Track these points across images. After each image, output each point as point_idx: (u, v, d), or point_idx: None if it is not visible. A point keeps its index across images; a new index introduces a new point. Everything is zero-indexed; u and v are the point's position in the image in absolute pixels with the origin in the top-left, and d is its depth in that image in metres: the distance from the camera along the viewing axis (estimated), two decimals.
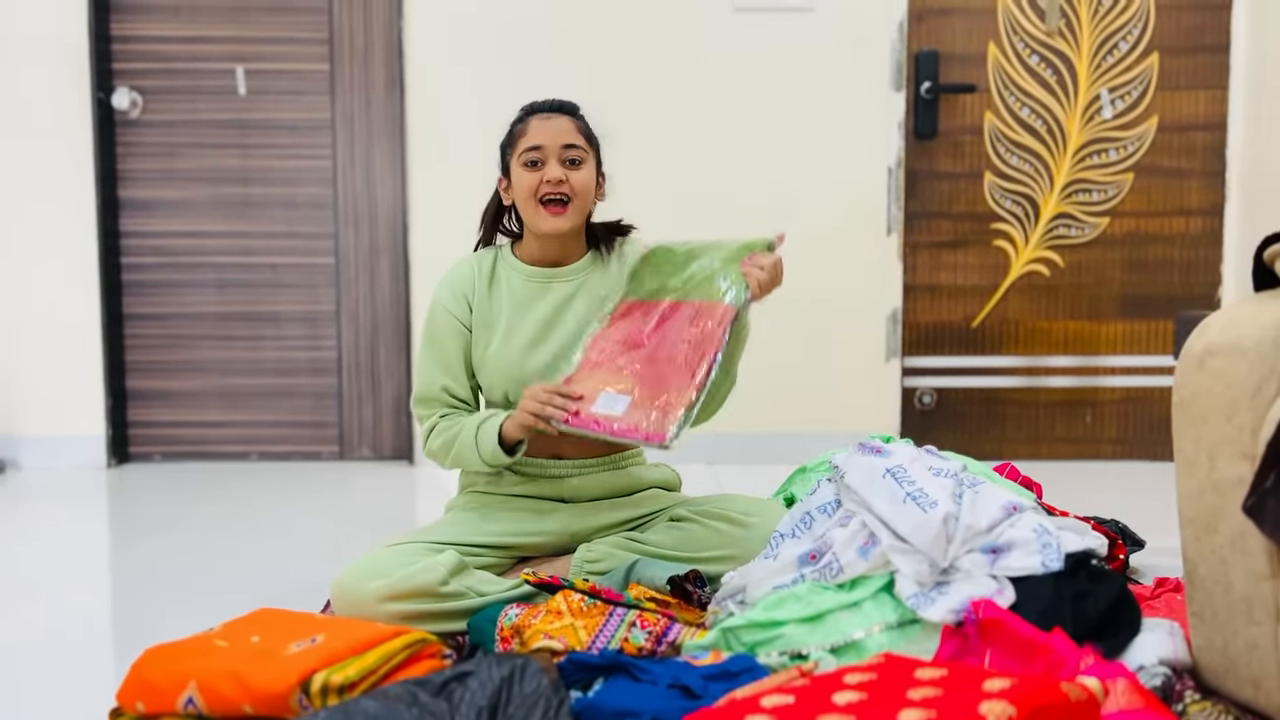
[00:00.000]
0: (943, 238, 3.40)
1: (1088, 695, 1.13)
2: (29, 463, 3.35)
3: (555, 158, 1.82)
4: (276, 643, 1.36)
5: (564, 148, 1.83)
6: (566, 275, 1.90)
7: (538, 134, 1.83)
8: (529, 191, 1.82)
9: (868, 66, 3.30)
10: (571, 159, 1.83)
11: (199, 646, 1.38)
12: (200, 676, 1.29)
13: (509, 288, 1.89)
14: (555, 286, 1.89)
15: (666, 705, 1.21)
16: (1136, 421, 3.43)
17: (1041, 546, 1.48)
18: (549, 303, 1.88)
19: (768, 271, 1.82)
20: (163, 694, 1.30)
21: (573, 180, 1.82)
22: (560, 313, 1.87)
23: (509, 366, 1.84)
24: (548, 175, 1.81)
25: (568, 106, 1.90)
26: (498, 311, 1.88)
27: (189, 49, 3.39)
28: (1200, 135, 3.36)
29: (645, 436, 1.65)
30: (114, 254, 3.42)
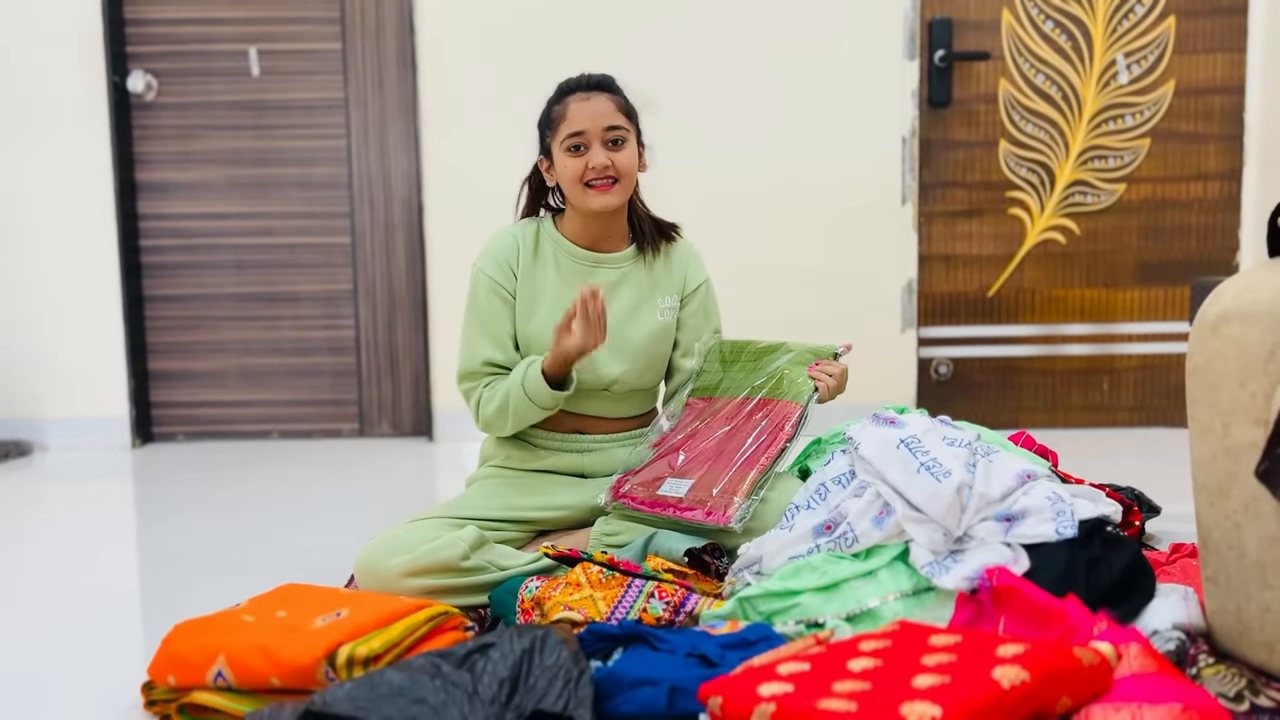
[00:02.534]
0: (958, 207, 3.39)
1: (1101, 660, 1.14)
2: (55, 444, 3.40)
3: (598, 141, 1.82)
4: (302, 617, 1.39)
5: (606, 130, 1.82)
6: (614, 262, 1.92)
7: (578, 118, 1.82)
8: (574, 177, 1.83)
9: (880, 35, 3.28)
10: (614, 140, 1.82)
11: (227, 622, 1.41)
12: (229, 650, 1.32)
13: (555, 263, 1.90)
14: (602, 271, 1.90)
15: (685, 674, 1.23)
16: (1153, 388, 3.43)
17: (1056, 514, 1.49)
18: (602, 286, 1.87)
19: (836, 379, 1.85)
20: (193, 668, 1.33)
21: (617, 162, 1.82)
22: (612, 296, 1.89)
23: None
24: (592, 161, 1.81)
25: (605, 82, 1.88)
26: (543, 285, 1.89)
27: (202, 30, 3.40)
28: (1218, 99, 3.32)
29: (710, 516, 1.71)
30: (133, 237, 3.45)
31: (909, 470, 1.52)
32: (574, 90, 1.85)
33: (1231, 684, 1.27)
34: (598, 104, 1.83)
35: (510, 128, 1.94)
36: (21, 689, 1.50)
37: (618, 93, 1.88)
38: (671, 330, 1.97)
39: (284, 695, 1.30)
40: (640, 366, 1.92)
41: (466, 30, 3.31)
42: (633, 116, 1.88)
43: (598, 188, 1.83)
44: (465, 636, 1.43)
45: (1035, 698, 1.07)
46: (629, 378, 1.91)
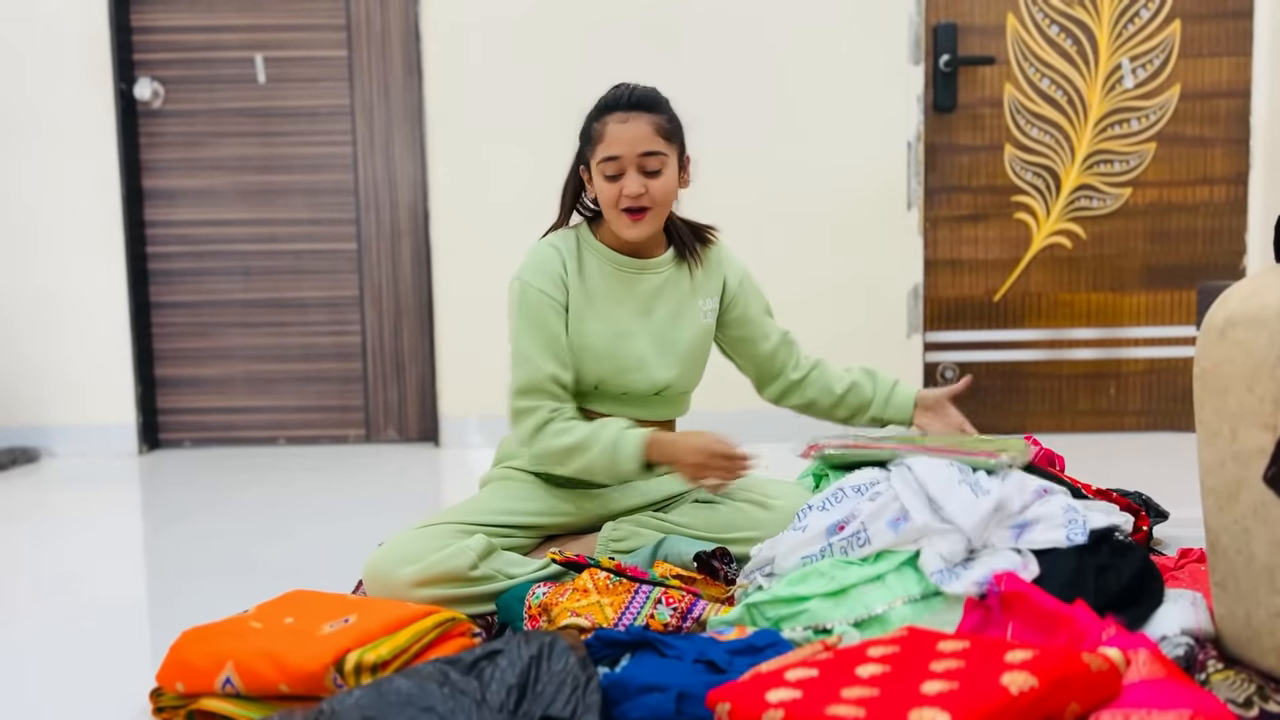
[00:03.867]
0: (963, 211, 3.39)
1: (1109, 665, 1.14)
2: (62, 451, 3.41)
3: (634, 168, 1.76)
4: (310, 623, 1.39)
5: (641, 156, 1.75)
6: (655, 268, 1.89)
7: (615, 142, 1.75)
8: (610, 201, 1.78)
9: (885, 40, 3.28)
10: (650, 169, 1.76)
11: (235, 628, 1.41)
12: (237, 657, 1.32)
13: (600, 273, 1.86)
14: (645, 277, 1.87)
15: (692, 680, 1.23)
16: (1160, 393, 3.42)
17: (1067, 521, 1.49)
18: (641, 292, 1.86)
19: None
20: (201, 674, 1.33)
21: (652, 190, 1.77)
22: (651, 302, 1.87)
23: (606, 355, 1.83)
24: (627, 189, 1.75)
25: (646, 101, 1.79)
26: (592, 294, 1.85)
27: (208, 38, 3.41)
28: (1223, 103, 3.32)
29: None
30: (140, 244, 3.46)
31: (950, 482, 1.52)
32: (614, 109, 1.77)
33: (1241, 690, 1.27)
34: (635, 127, 1.75)
35: (516, 135, 1.93)
36: (30, 695, 1.50)
37: (660, 111, 1.79)
38: (711, 331, 1.97)
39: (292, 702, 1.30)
40: (687, 369, 1.92)
41: (472, 37, 3.31)
42: (674, 137, 1.80)
43: (632, 215, 1.78)
44: (473, 643, 1.43)
45: (1044, 704, 1.07)
46: (679, 382, 1.91)
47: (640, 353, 1.85)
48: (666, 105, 1.83)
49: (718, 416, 3.30)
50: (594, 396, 1.89)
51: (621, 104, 1.77)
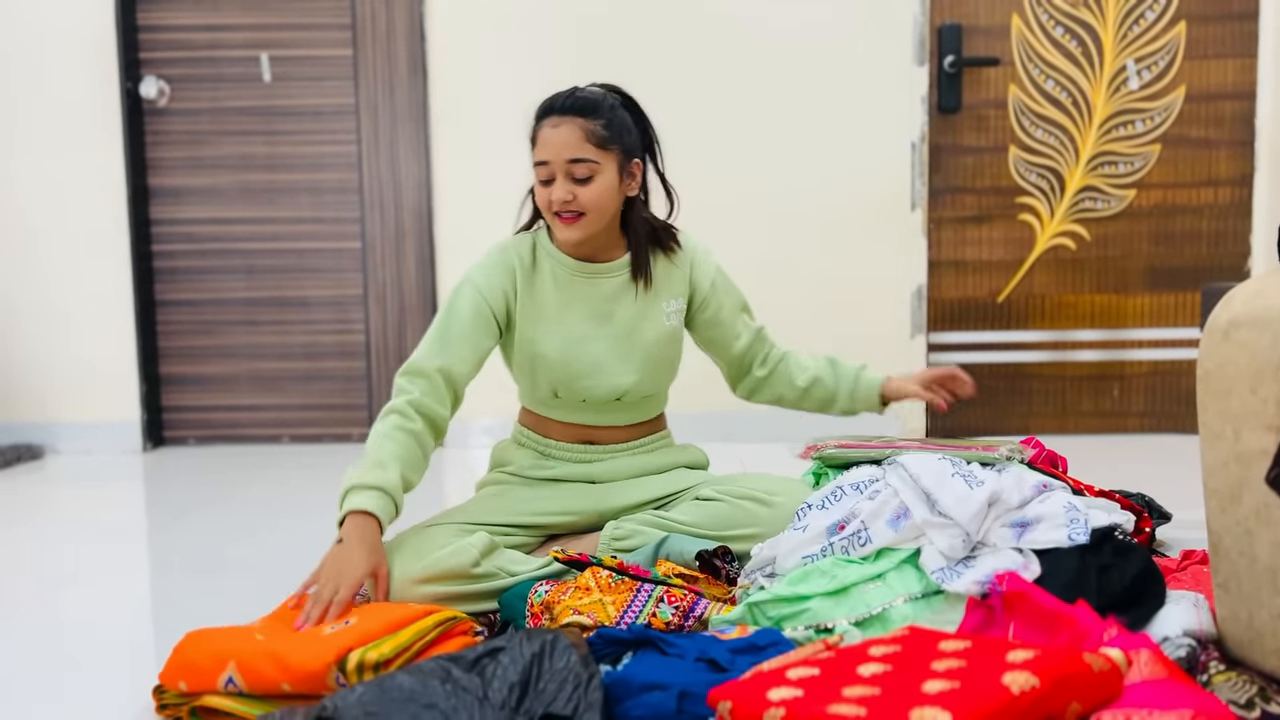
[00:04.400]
0: (967, 213, 3.39)
1: (1111, 665, 1.14)
2: (67, 448, 3.42)
3: (562, 174, 1.73)
4: (312, 625, 1.40)
5: (569, 163, 1.72)
6: (611, 271, 1.86)
7: (544, 147, 1.74)
8: (543, 205, 1.78)
9: (890, 41, 3.28)
10: (578, 176, 1.73)
11: (238, 632, 1.42)
12: (239, 657, 1.33)
13: (554, 279, 1.85)
14: (602, 281, 1.85)
15: (694, 678, 1.23)
16: (1164, 394, 3.42)
17: (1069, 521, 1.49)
18: (596, 297, 1.85)
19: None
20: (204, 673, 1.34)
21: (581, 197, 1.73)
22: (609, 306, 1.85)
23: (560, 362, 1.83)
24: (554, 194, 1.74)
25: (580, 104, 1.74)
26: (544, 302, 1.84)
27: (213, 37, 3.42)
28: (1228, 105, 3.32)
29: None
30: (145, 242, 3.47)
31: (943, 475, 1.52)
32: (549, 113, 1.75)
33: (1242, 691, 1.27)
34: (564, 133, 1.72)
35: (521, 134, 1.93)
36: (33, 692, 1.50)
37: (596, 116, 1.74)
38: (678, 333, 1.94)
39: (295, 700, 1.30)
40: (649, 373, 1.90)
41: (477, 37, 3.32)
42: (610, 143, 1.74)
43: (563, 219, 1.76)
44: (474, 641, 1.44)
45: (1045, 703, 1.07)
46: (641, 386, 1.90)
47: (596, 358, 1.84)
48: (608, 110, 1.76)
49: (716, 417, 3.31)
50: (555, 405, 1.89)
51: (555, 108, 1.75)
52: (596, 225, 1.78)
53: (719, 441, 3.10)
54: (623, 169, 1.79)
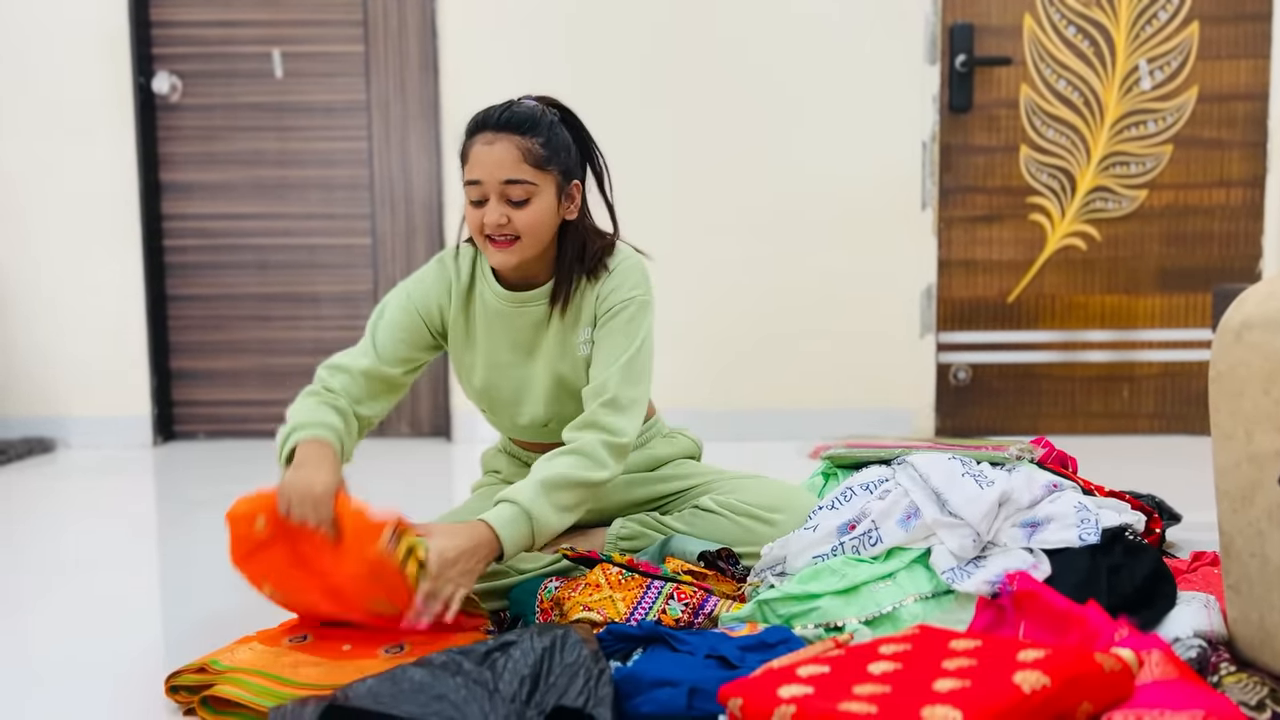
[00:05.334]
0: (978, 212, 3.38)
1: (1122, 666, 1.14)
2: (77, 442, 3.43)
3: (496, 195, 1.62)
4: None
5: (504, 184, 1.61)
6: (534, 300, 1.74)
7: (477, 166, 1.62)
8: (474, 228, 1.66)
9: (901, 40, 3.28)
10: (514, 198, 1.62)
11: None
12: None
13: (483, 304, 1.77)
14: (528, 310, 1.75)
15: (704, 675, 1.23)
16: (1174, 396, 3.41)
17: (1079, 520, 1.49)
18: (520, 326, 1.76)
19: None
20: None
21: (516, 221, 1.62)
22: (531, 336, 1.76)
23: (485, 389, 1.80)
24: (487, 218, 1.62)
25: (518, 122, 1.62)
26: (473, 325, 1.78)
27: (226, 33, 3.42)
28: (1241, 105, 3.31)
29: None
30: (156, 237, 3.48)
31: (953, 474, 1.52)
32: (482, 129, 1.63)
33: (1253, 692, 1.27)
34: (499, 151, 1.60)
35: None
36: (42, 685, 1.51)
37: (534, 134, 1.62)
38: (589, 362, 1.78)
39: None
40: (567, 404, 1.80)
41: (489, 33, 3.32)
42: (549, 163, 1.64)
43: (496, 244, 1.64)
44: (484, 637, 1.44)
45: (1056, 703, 1.07)
46: (561, 416, 1.81)
47: (515, 387, 1.78)
48: (545, 127, 1.65)
49: (726, 416, 3.31)
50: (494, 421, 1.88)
51: (490, 124, 1.63)
52: (531, 250, 1.67)
53: (731, 441, 3.10)
54: (561, 190, 1.68)
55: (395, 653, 1.40)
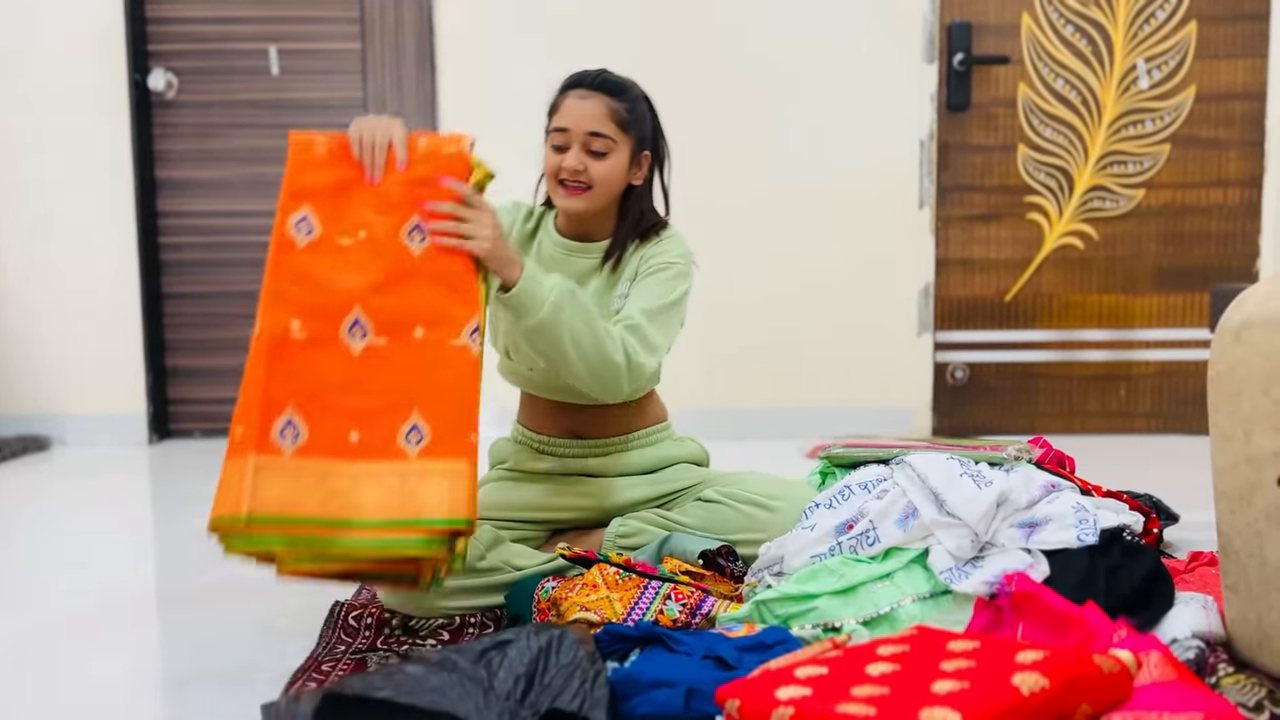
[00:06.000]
0: (975, 211, 3.38)
1: (1121, 667, 1.14)
2: (73, 440, 3.42)
3: (578, 144, 1.75)
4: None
5: (589, 135, 1.75)
6: (589, 251, 1.85)
7: (566, 114, 1.76)
8: (550, 172, 1.79)
9: (899, 38, 3.28)
10: (595, 150, 1.75)
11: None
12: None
13: (540, 250, 1.87)
14: (577, 260, 1.85)
15: (701, 676, 1.23)
16: (1171, 395, 3.41)
17: (1078, 521, 1.48)
18: (571, 274, 1.81)
19: None
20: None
21: (592, 170, 1.76)
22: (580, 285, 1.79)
23: None
24: (566, 162, 1.75)
25: (610, 84, 1.78)
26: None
27: (222, 29, 3.41)
28: (1239, 105, 3.31)
29: None
30: (152, 234, 3.47)
31: (951, 475, 1.52)
32: (576, 85, 1.78)
33: (1252, 693, 1.27)
34: (590, 105, 1.75)
35: (530, 128, 1.93)
36: (36, 682, 1.50)
37: (622, 98, 1.78)
38: None
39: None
40: None
41: (486, 30, 3.31)
42: (630, 127, 1.78)
43: (568, 190, 1.77)
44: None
45: (1055, 705, 1.07)
46: None
47: None
48: (633, 97, 1.80)
49: (724, 415, 3.31)
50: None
51: (585, 82, 1.78)
52: (599, 202, 1.79)
53: (728, 440, 3.10)
54: (634, 155, 1.80)
55: None
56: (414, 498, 1.41)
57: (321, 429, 1.42)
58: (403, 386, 1.46)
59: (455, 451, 1.44)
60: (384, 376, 1.46)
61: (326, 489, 1.39)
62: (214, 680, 1.49)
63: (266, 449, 1.42)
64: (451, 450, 1.44)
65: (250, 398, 1.45)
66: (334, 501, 1.39)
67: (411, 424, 1.44)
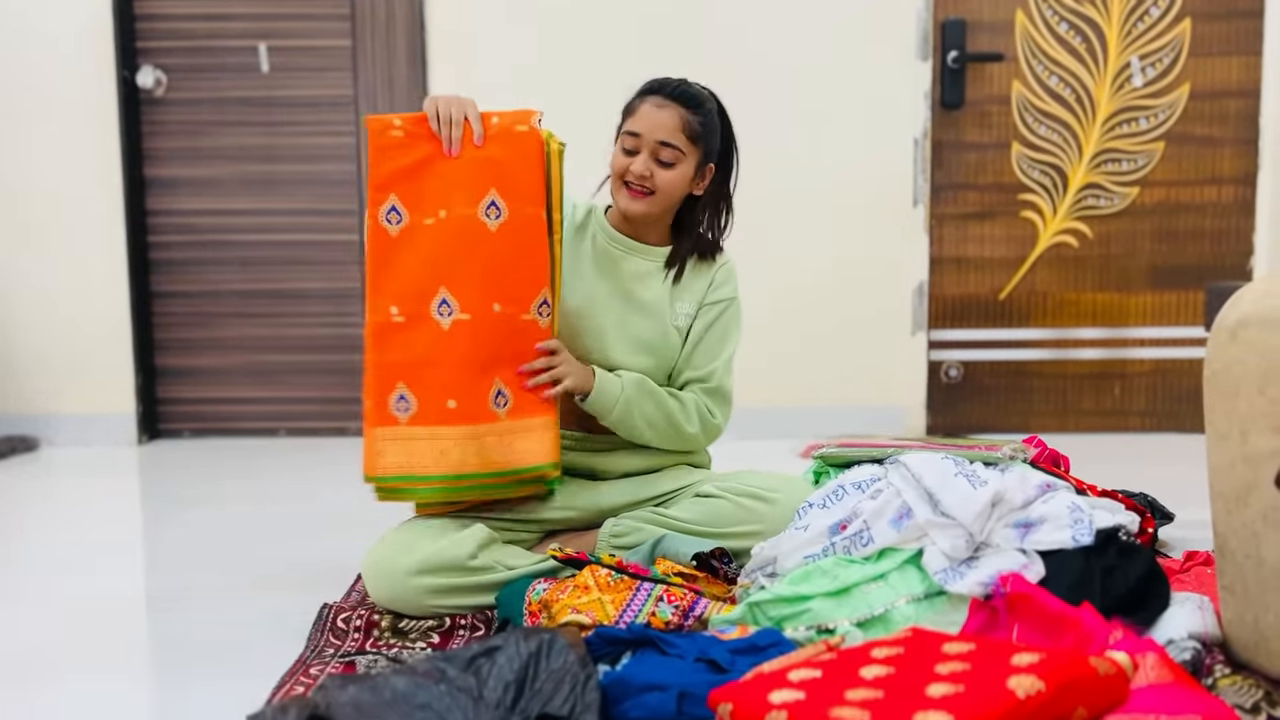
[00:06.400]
0: (969, 209, 3.37)
1: (1117, 670, 1.13)
2: (62, 440, 3.40)
3: (648, 151, 1.79)
4: None
5: (659, 144, 1.79)
6: (647, 254, 1.89)
7: (641, 120, 1.80)
8: (617, 172, 1.83)
9: (893, 36, 3.26)
10: (664, 159, 1.79)
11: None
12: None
13: (594, 244, 1.90)
14: (634, 259, 1.89)
15: (694, 679, 1.22)
16: (1165, 393, 3.40)
17: (1073, 521, 1.47)
18: (623, 273, 1.88)
19: None
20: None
21: (658, 178, 1.80)
22: (631, 285, 1.88)
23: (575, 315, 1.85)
24: (634, 166, 1.79)
25: (687, 96, 1.82)
26: (577, 259, 1.88)
27: (212, 26, 3.39)
28: (1233, 102, 3.30)
29: None
30: (141, 233, 3.45)
31: (946, 474, 1.51)
32: (655, 92, 1.82)
33: (1248, 695, 1.26)
34: (665, 115, 1.79)
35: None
36: (25, 685, 1.49)
37: (697, 111, 1.82)
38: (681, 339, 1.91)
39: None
40: (643, 363, 1.87)
41: (477, 27, 3.30)
42: (700, 140, 1.82)
43: (632, 192, 1.81)
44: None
45: (1051, 708, 1.05)
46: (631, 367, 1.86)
47: (601, 325, 1.86)
48: (709, 110, 1.84)
49: None
50: None
51: (665, 90, 1.82)
52: (660, 207, 1.84)
53: (722, 439, 3.08)
54: (699, 167, 1.85)
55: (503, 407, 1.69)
56: (510, 451, 1.69)
57: (426, 399, 1.66)
58: (486, 357, 1.68)
59: (537, 410, 1.72)
60: (470, 349, 1.68)
61: (438, 449, 1.65)
62: (202, 682, 1.48)
63: (386, 420, 1.66)
64: (533, 410, 1.71)
65: (369, 377, 1.68)
66: (445, 459, 1.65)
67: (497, 389, 1.69)
